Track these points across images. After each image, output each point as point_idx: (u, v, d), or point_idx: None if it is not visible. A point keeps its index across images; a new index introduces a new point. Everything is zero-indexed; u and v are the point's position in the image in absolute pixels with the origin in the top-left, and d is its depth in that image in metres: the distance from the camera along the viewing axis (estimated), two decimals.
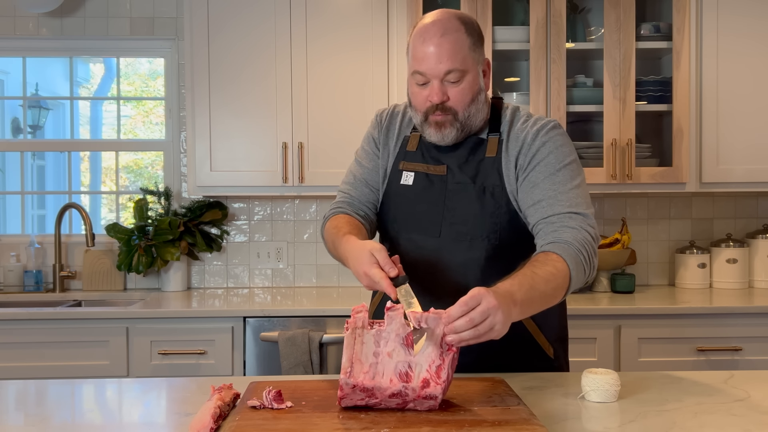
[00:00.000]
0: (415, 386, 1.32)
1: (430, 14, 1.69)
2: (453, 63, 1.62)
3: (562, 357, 1.83)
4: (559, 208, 1.62)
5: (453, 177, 1.72)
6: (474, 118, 1.70)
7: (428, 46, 1.63)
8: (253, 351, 2.91)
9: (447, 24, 1.63)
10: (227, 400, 1.38)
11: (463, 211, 1.69)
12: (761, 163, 3.16)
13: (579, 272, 1.56)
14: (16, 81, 3.98)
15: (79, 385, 1.76)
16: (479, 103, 1.70)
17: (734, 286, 3.34)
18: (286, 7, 3.18)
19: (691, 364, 2.87)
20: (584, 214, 1.63)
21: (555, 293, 1.52)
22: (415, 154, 1.78)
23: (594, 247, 1.60)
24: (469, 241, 1.68)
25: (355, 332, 1.36)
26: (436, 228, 1.70)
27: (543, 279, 1.49)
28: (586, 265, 1.58)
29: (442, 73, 1.63)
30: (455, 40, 1.62)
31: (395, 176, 1.79)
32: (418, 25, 1.68)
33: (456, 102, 1.66)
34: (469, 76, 1.65)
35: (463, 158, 1.73)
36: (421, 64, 1.64)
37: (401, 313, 1.36)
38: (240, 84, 3.20)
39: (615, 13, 3.09)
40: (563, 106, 3.09)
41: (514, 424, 1.26)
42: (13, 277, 3.48)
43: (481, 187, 1.69)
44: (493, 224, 1.67)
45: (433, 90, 1.65)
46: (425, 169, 1.75)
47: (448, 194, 1.71)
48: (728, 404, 1.48)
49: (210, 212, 3.47)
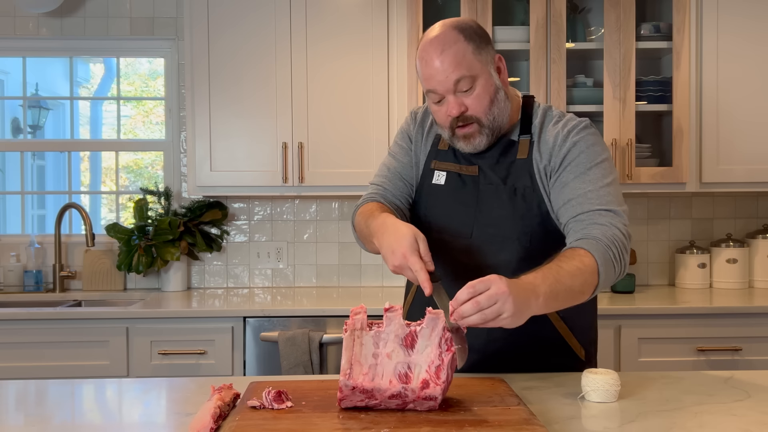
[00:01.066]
0: (415, 387, 1.32)
1: (429, 31, 1.68)
2: (459, 72, 1.61)
3: (593, 359, 1.82)
4: (588, 206, 1.60)
5: (485, 178, 1.71)
6: (500, 118, 1.69)
7: (432, 65, 1.63)
8: (253, 351, 2.91)
9: (444, 38, 1.63)
10: (227, 400, 1.38)
11: (495, 213, 1.68)
12: (761, 163, 3.16)
13: (608, 269, 1.53)
14: (16, 81, 3.98)
15: (79, 385, 1.76)
16: (500, 102, 1.68)
17: (734, 286, 3.34)
18: (287, 8, 3.18)
19: (691, 364, 2.87)
20: (615, 211, 1.60)
21: (582, 289, 1.50)
22: (447, 153, 1.78)
23: (625, 244, 1.58)
24: (500, 243, 1.68)
25: (354, 334, 1.36)
26: (468, 229, 1.70)
27: (569, 273, 1.47)
28: (616, 262, 1.55)
29: (452, 85, 1.62)
30: (455, 51, 1.62)
31: (427, 174, 1.79)
32: (420, 46, 1.68)
33: (475, 109, 1.65)
34: (480, 80, 1.64)
35: (495, 159, 1.72)
36: (430, 82, 1.64)
37: (400, 314, 1.36)
38: (240, 84, 3.20)
39: (615, 13, 3.09)
40: (563, 106, 3.09)
41: (514, 424, 1.26)
42: (13, 277, 3.48)
43: (512, 188, 1.68)
44: (524, 226, 1.67)
45: (449, 104, 1.64)
46: (458, 169, 1.74)
47: (480, 195, 1.70)
48: (728, 404, 1.48)
49: (210, 212, 3.47)
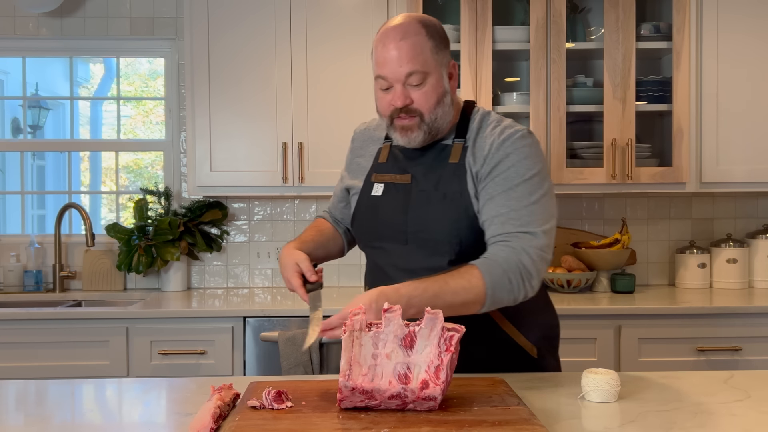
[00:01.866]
0: (414, 387, 1.32)
1: (392, 19, 1.71)
2: (414, 65, 1.63)
3: (549, 356, 1.84)
4: (509, 227, 1.62)
5: (417, 185, 1.73)
6: (441, 120, 1.70)
7: (389, 50, 1.64)
8: (253, 351, 2.91)
9: (407, 28, 1.65)
10: (227, 400, 1.38)
11: (426, 218, 1.70)
12: (761, 163, 3.16)
13: (500, 293, 1.57)
14: (16, 81, 3.98)
15: (79, 385, 1.76)
16: (445, 105, 1.70)
17: (734, 286, 3.34)
18: (287, 9, 3.18)
19: (691, 364, 2.87)
20: (533, 232, 1.61)
21: (464, 307, 1.56)
22: (385, 165, 1.81)
23: (530, 270, 1.59)
24: (433, 248, 1.70)
25: (353, 335, 1.36)
26: (402, 236, 1.73)
27: (452, 291, 1.54)
28: (514, 287, 1.58)
29: (403, 76, 1.64)
30: (415, 43, 1.64)
31: (367, 188, 1.82)
32: (380, 30, 1.70)
33: (420, 104, 1.66)
34: (431, 78, 1.66)
35: (428, 166, 1.74)
36: (383, 68, 1.65)
37: (399, 314, 1.36)
38: (240, 84, 3.20)
39: (615, 13, 3.09)
40: (563, 106, 3.09)
41: (514, 424, 1.26)
42: (13, 277, 3.48)
43: (443, 194, 1.70)
44: (454, 230, 1.68)
45: (395, 94, 1.66)
46: (392, 179, 1.77)
47: (411, 203, 1.72)
48: (728, 404, 1.48)
49: (210, 212, 3.47)
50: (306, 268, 1.70)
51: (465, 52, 3.09)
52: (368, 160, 1.86)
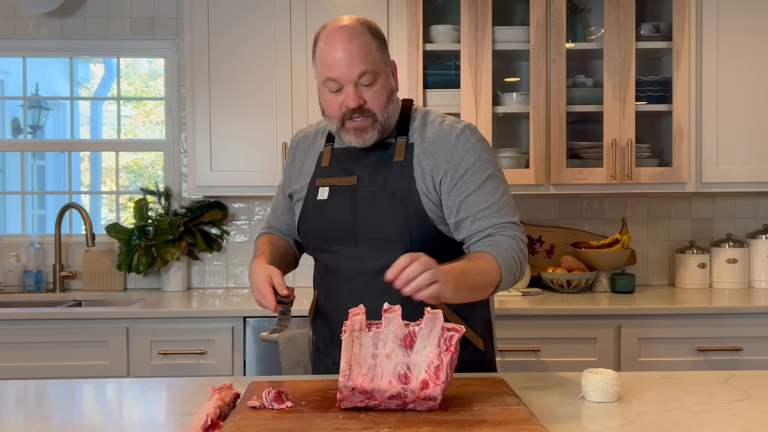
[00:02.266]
0: (414, 387, 1.32)
1: (333, 21, 1.72)
2: (365, 65, 1.65)
3: (491, 350, 1.86)
4: (494, 219, 1.69)
5: (363, 186, 1.74)
6: (391, 118, 1.73)
7: (337, 52, 1.65)
8: (253, 351, 2.91)
9: (353, 29, 1.67)
10: (227, 400, 1.38)
11: (374, 218, 1.71)
12: (761, 163, 3.16)
13: (509, 275, 1.64)
14: (16, 81, 3.98)
15: (79, 385, 1.76)
16: (394, 103, 1.74)
17: (734, 286, 3.34)
18: (287, 8, 3.18)
19: (691, 364, 2.87)
20: (515, 222, 1.71)
21: (484, 287, 1.60)
22: (328, 168, 1.81)
23: (525, 253, 1.69)
24: (384, 246, 1.70)
25: (353, 335, 1.36)
26: (352, 237, 1.73)
27: (475, 271, 1.57)
28: (517, 270, 1.66)
29: (356, 76, 1.65)
30: (363, 43, 1.66)
31: (312, 193, 1.81)
32: (323, 33, 1.70)
33: (373, 104, 1.68)
34: (381, 77, 1.69)
35: (373, 165, 1.75)
36: (333, 70, 1.66)
37: (399, 314, 1.36)
38: (240, 84, 3.20)
39: (615, 13, 3.09)
40: (563, 106, 3.09)
41: (514, 424, 1.26)
42: (13, 277, 3.48)
43: (390, 192, 1.71)
44: (403, 227, 1.70)
45: (348, 95, 1.66)
46: (338, 182, 1.78)
47: (359, 203, 1.73)
48: (728, 404, 1.48)
49: (210, 212, 3.47)
50: (278, 282, 1.67)
51: (465, 52, 3.09)
52: (310, 166, 1.86)
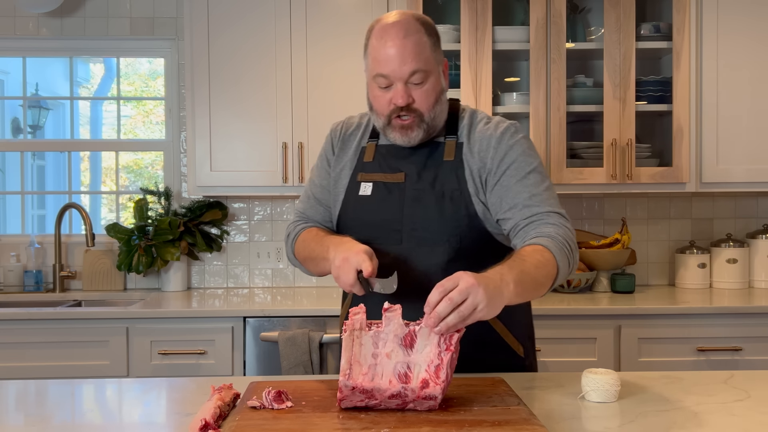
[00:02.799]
0: (415, 387, 1.32)
1: (387, 16, 1.68)
2: (417, 64, 1.62)
3: (531, 355, 1.84)
4: (537, 209, 1.64)
5: (411, 184, 1.72)
6: (438, 119, 1.71)
7: (390, 48, 1.62)
8: (253, 351, 2.91)
9: (407, 26, 1.64)
10: (227, 400, 1.38)
11: (422, 217, 1.69)
12: (761, 163, 3.16)
13: (564, 264, 1.58)
14: (16, 81, 3.98)
15: (79, 385, 1.76)
16: (442, 103, 1.72)
17: (734, 286, 3.34)
18: (287, 8, 3.18)
19: (691, 364, 2.87)
20: (561, 213, 1.66)
21: (545, 281, 1.53)
22: (372, 164, 1.78)
23: (575, 243, 1.63)
24: (430, 246, 1.68)
25: (353, 334, 1.36)
26: (397, 236, 1.70)
27: (533, 265, 1.51)
28: (570, 258, 1.60)
29: (407, 74, 1.63)
30: (417, 41, 1.63)
31: (353, 188, 1.78)
32: (376, 28, 1.67)
33: (421, 103, 1.66)
34: (432, 77, 1.66)
35: (422, 164, 1.73)
36: (384, 66, 1.63)
37: (399, 313, 1.36)
38: (240, 84, 3.20)
39: (615, 13, 3.09)
40: (563, 106, 3.09)
41: (514, 424, 1.26)
42: (13, 277, 3.48)
43: (440, 192, 1.69)
44: (453, 228, 1.67)
45: (397, 92, 1.64)
46: (383, 179, 1.75)
47: (406, 201, 1.70)
48: (728, 404, 1.48)
49: (210, 212, 3.47)
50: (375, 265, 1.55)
51: (465, 52, 3.09)
52: (351, 159, 1.82)
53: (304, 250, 1.80)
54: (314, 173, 1.90)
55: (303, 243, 1.80)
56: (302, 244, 1.81)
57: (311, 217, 1.88)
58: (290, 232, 1.88)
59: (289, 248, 1.87)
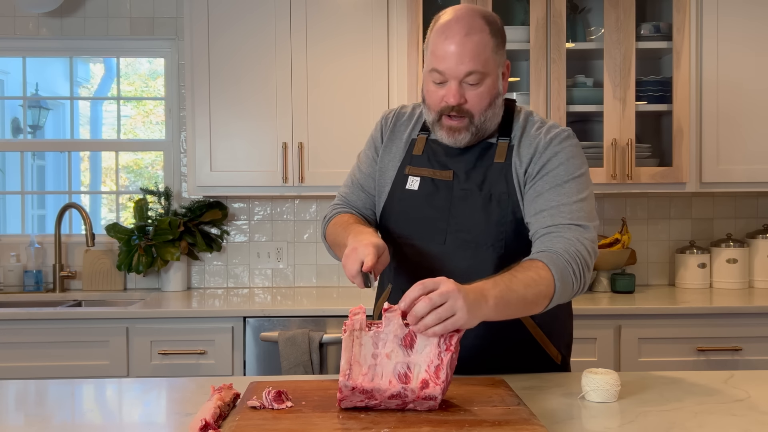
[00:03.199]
0: (415, 387, 1.32)
1: (452, 9, 1.62)
2: (475, 64, 1.56)
3: (568, 363, 1.82)
4: (559, 219, 1.58)
5: (459, 183, 1.67)
6: (490, 122, 1.65)
7: (450, 45, 1.56)
8: (253, 351, 2.91)
9: (472, 23, 1.57)
10: (227, 400, 1.38)
11: (469, 219, 1.64)
12: (761, 163, 3.16)
13: (565, 284, 1.51)
14: (16, 81, 3.98)
15: (79, 385, 1.76)
16: (496, 107, 1.65)
17: (734, 286, 3.34)
18: (287, 8, 3.18)
19: (691, 364, 2.87)
20: (584, 226, 1.58)
21: (536, 300, 1.47)
22: (421, 158, 1.73)
23: (588, 262, 1.55)
24: (474, 249, 1.64)
25: (353, 334, 1.36)
26: (441, 235, 1.66)
27: (522, 283, 1.45)
28: (575, 278, 1.53)
29: (462, 74, 1.57)
30: (479, 40, 1.56)
31: (400, 180, 1.74)
32: (440, 21, 1.60)
33: (473, 105, 1.60)
34: (489, 79, 1.59)
35: (471, 164, 1.68)
36: (441, 62, 1.57)
37: (399, 314, 1.36)
38: (240, 84, 3.20)
39: (615, 13, 3.09)
40: (563, 106, 3.09)
41: (514, 424, 1.26)
42: (13, 277, 3.48)
43: (488, 194, 1.65)
44: (498, 232, 1.63)
45: (450, 91, 1.59)
46: (431, 174, 1.70)
47: (453, 201, 1.66)
48: (728, 404, 1.48)
49: (210, 212, 3.47)
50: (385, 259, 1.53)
51: None
52: (400, 150, 1.77)
53: (332, 234, 1.76)
54: (361, 160, 1.85)
55: (333, 227, 1.76)
56: (332, 228, 1.77)
57: (352, 202, 1.83)
58: (327, 214, 1.83)
59: (323, 230, 1.83)
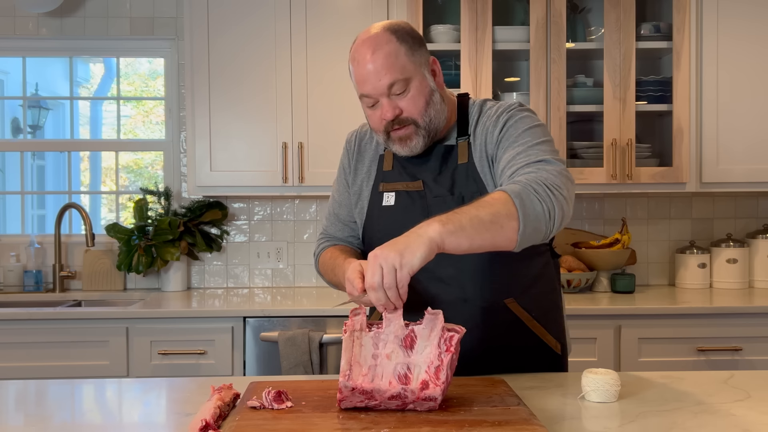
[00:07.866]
0: (415, 388, 1.32)
1: (361, 34, 1.68)
2: (392, 74, 1.60)
3: (566, 348, 1.84)
4: (520, 163, 1.53)
5: (430, 191, 1.69)
6: (436, 120, 1.67)
7: (364, 67, 1.62)
8: (253, 351, 2.91)
9: (377, 39, 1.62)
10: (227, 400, 1.38)
11: None
12: (761, 163, 3.16)
13: (528, 203, 1.40)
14: (16, 81, 3.98)
15: (79, 385, 1.76)
16: (436, 104, 1.67)
17: (734, 286, 3.34)
18: (287, 8, 3.18)
19: (691, 364, 2.87)
20: (545, 160, 1.53)
21: (496, 220, 1.36)
22: (392, 173, 1.76)
23: (557, 184, 1.46)
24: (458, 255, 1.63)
25: (354, 335, 1.36)
26: None
27: (473, 207, 1.38)
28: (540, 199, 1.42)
29: (385, 88, 1.61)
30: (388, 51, 1.60)
31: (376, 198, 1.77)
32: (352, 49, 1.67)
33: (411, 111, 1.63)
34: (414, 82, 1.62)
35: (437, 170, 1.70)
36: (364, 85, 1.63)
37: (399, 314, 1.36)
38: (240, 84, 3.20)
39: (615, 13, 3.09)
40: (563, 106, 3.09)
41: (514, 424, 1.26)
42: (13, 277, 3.48)
43: (460, 197, 1.66)
44: None
45: (383, 108, 1.63)
46: (404, 187, 1.72)
47: (430, 210, 1.67)
48: (728, 404, 1.48)
49: (210, 212, 3.47)
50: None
51: (465, 52, 3.09)
52: (370, 168, 1.81)
53: (326, 274, 1.81)
54: (334, 188, 1.90)
55: (323, 267, 1.82)
56: (323, 268, 1.83)
57: (333, 234, 1.88)
58: (315, 251, 1.90)
59: (315, 267, 1.89)
